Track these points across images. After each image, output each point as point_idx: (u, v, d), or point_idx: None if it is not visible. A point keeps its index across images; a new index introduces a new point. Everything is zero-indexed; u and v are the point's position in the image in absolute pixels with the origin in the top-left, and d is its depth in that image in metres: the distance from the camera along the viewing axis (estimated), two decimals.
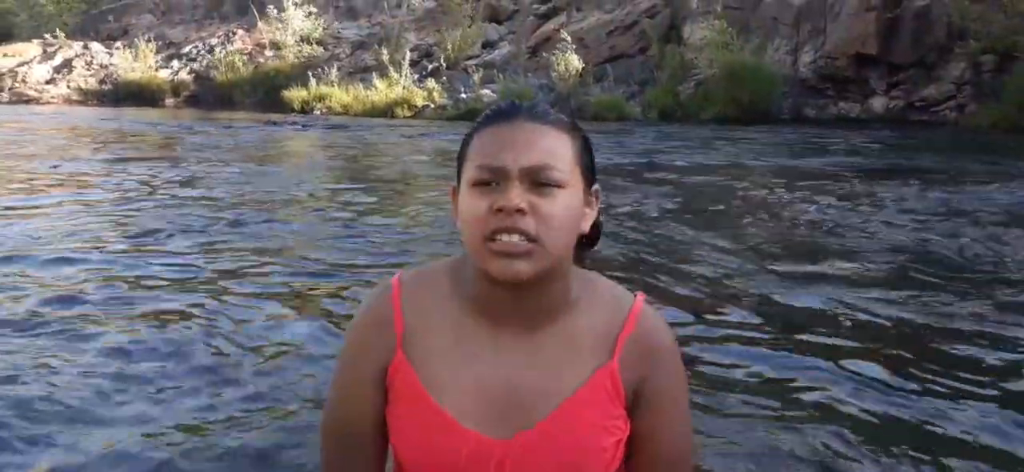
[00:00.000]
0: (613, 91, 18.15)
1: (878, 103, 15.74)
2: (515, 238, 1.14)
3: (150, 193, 7.26)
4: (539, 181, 1.16)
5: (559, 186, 1.17)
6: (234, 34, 27.88)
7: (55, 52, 27.76)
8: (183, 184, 7.88)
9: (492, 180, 1.16)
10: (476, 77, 19.95)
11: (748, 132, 13.57)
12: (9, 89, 25.85)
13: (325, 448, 1.34)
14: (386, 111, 19.73)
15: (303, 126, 16.78)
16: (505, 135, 1.19)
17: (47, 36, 28.90)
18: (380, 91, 20.53)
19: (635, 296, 1.29)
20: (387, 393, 1.27)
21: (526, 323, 1.23)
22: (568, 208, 1.18)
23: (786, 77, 16.49)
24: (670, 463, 1.29)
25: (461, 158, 1.24)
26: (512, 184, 1.15)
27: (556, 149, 1.19)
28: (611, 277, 1.34)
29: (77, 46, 28.29)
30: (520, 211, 1.14)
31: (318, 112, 20.77)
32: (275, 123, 17.10)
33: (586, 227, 1.24)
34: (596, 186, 1.26)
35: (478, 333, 1.24)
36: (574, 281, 1.25)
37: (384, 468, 1.34)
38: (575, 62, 18.64)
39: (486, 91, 18.98)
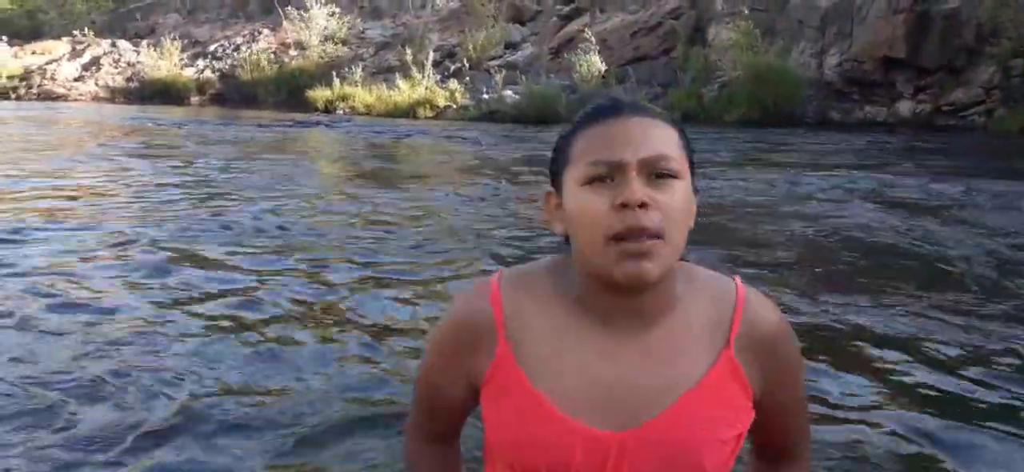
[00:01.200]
0: (635, 93, 18.09)
1: (905, 107, 15.56)
2: (645, 238, 1.10)
3: (166, 191, 7.33)
4: (658, 172, 1.13)
5: (676, 177, 1.14)
6: (259, 33, 28.13)
7: (84, 50, 28.16)
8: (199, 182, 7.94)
9: (608, 175, 1.12)
10: (498, 78, 19.96)
11: (771, 135, 13.47)
12: (39, 86, 26.23)
13: (414, 422, 1.42)
14: (408, 111, 19.80)
15: (340, 125, 16.85)
16: (616, 129, 1.15)
17: (76, 34, 29.31)
18: (403, 91, 20.61)
19: (734, 281, 1.26)
20: (481, 392, 1.25)
21: (636, 321, 1.19)
22: (684, 199, 1.15)
23: (811, 80, 16.35)
24: (795, 436, 1.33)
25: (561, 160, 1.20)
26: (631, 177, 1.11)
27: (667, 139, 1.16)
28: None
29: (105, 44, 28.68)
30: (644, 205, 1.10)
31: (341, 111, 20.89)
32: (323, 122, 17.18)
33: (692, 221, 1.21)
34: (697, 181, 1.23)
35: (586, 333, 1.20)
36: (678, 274, 1.21)
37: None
38: (597, 63, 18.59)
39: (508, 92, 18.99)
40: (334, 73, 22.62)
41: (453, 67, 22.23)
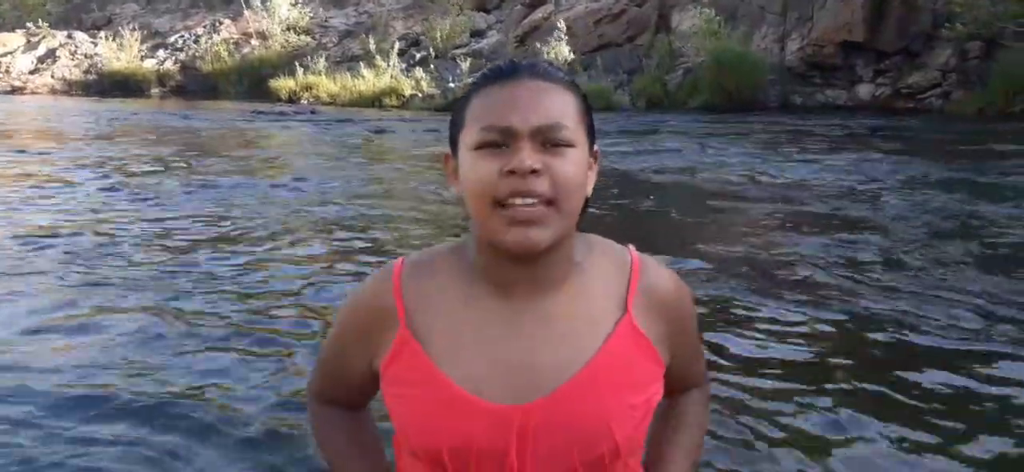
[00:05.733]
0: (601, 80, 18.14)
1: (864, 90, 15.79)
2: (530, 201, 1.08)
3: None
4: (551, 140, 1.10)
5: (570, 145, 1.12)
6: (220, 23, 27.67)
7: (39, 42, 27.48)
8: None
9: (501, 141, 1.10)
10: (464, 66, 19.89)
11: (732, 119, 13.60)
12: None
13: (312, 412, 1.42)
14: (374, 101, 19.67)
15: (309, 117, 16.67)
16: (510, 94, 1.12)
17: (30, 26, 28.60)
18: (368, 80, 20.45)
19: (629, 249, 1.27)
20: (381, 377, 1.24)
21: (536, 291, 1.17)
22: (578, 167, 1.13)
23: (773, 65, 16.52)
24: (694, 376, 1.41)
25: (457, 122, 1.19)
26: (523, 144, 1.09)
27: (563, 107, 1.13)
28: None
29: (61, 36, 28.01)
30: (535, 172, 1.08)
31: (305, 101, 20.67)
32: (288, 115, 16.98)
33: (589, 189, 1.19)
34: (597, 146, 1.22)
35: (487, 306, 1.18)
36: (578, 243, 1.21)
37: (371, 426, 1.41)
38: (565, 51, 18.61)
39: (473, 80, 18.91)
40: (297, 63, 22.36)
41: (418, 55, 22.08)
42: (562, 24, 19.13)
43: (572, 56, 18.65)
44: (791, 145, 10.17)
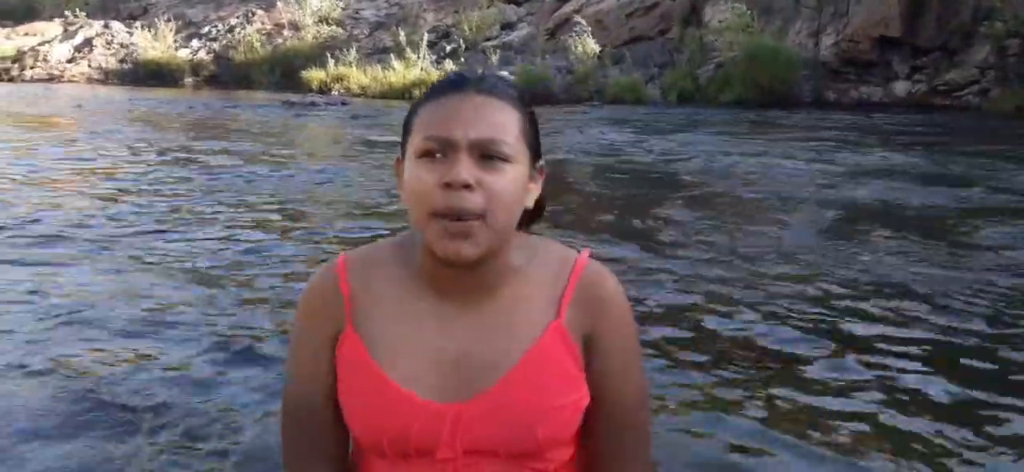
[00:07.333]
0: (631, 74, 18.02)
1: (900, 87, 15.52)
2: (464, 217, 1.12)
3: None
4: (487, 154, 1.14)
5: (506, 160, 1.15)
6: (253, 14, 27.90)
7: (76, 31, 27.91)
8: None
9: (439, 151, 1.15)
10: (494, 59, 19.87)
11: (765, 116, 13.45)
12: (31, 68, 26.03)
13: (286, 422, 1.33)
14: (404, 93, 19.72)
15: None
16: (453, 106, 1.17)
17: (68, 14, 29.05)
18: (398, 72, 20.51)
19: (579, 253, 1.29)
20: (337, 369, 1.27)
21: (471, 294, 1.22)
22: (515, 183, 1.17)
23: (807, 60, 16.29)
24: (626, 409, 1.28)
25: (407, 128, 1.23)
26: (460, 157, 1.14)
27: (504, 122, 1.17)
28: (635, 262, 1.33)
29: (97, 25, 28.41)
30: (467, 186, 1.12)
31: (336, 92, 20.79)
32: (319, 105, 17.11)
33: (530, 203, 1.24)
34: (541, 162, 1.26)
35: (425, 305, 1.23)
36: (518, 249, 1.25)
37: (346, 449, 1.33)
38: (592, 45, 18.51)
39: (504, 73, 18.91)
40: (328, 54, 22.48)
41: (448, 48, 22.10)
42: (582, 20, 19.03)
43: (599, 48, 18.55)
44: (828, 142, 10.03)
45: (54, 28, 28.39)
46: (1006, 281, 4.01)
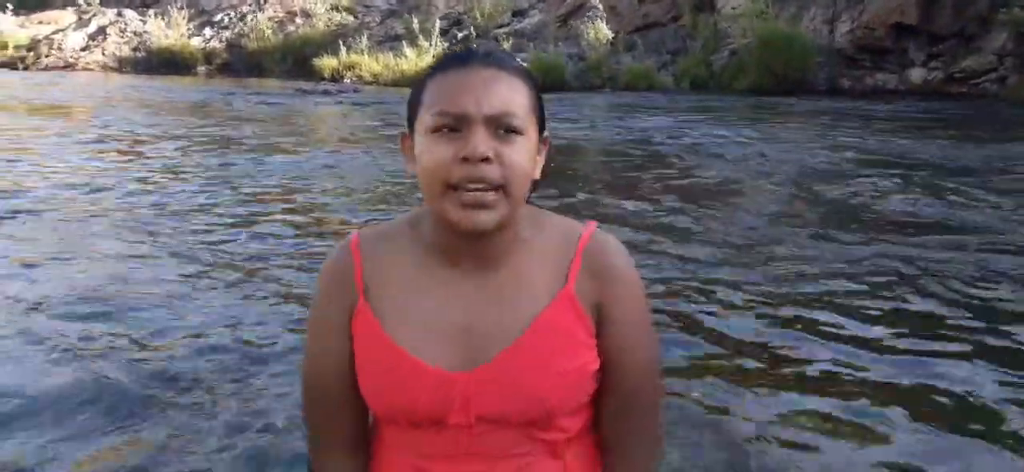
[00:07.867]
0: (644, 61, 17.93)
1: (916, 74, 15.36)
2: (482, 187, 1.15)
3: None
4: (503, 127, 1.16)
5: (519, 132, 1.18)
6: (265, 2, 27.91)
7: (89, 19, 28.01)
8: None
9: (454, 126, 1.16)
10: (506, 46, 19.82)
11: (779, 103, 13.36)
12: (46, 56, 26.16)
13: (306, 401, 1.37)
14: (415, 81, 19.68)
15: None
16: (464, 80, 1.18)
17: (81, 3, 29.16)
18: (410, 60, 20.49)
19: (586, 224, 1.31)
20: (354, 344, 1.29)
21: (481, 264, 1.25)
22: (527, 154, 1.19)
23: (822, 47, 16.15)
24: (637, 378, 1.30)
25: (414, 104, 1.25)
26: (477, 130, 1.15)
27: (515, 96, 1.19)
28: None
29: (111, 13, 28.51)
30: (486, 159, 1.14)
31: (348, 80, 20.80)
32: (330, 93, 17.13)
33: (537, 174, 1.27)
34: (547, 133, 1.28)
35: (436, 277, 1.26)
36: (526, 221, 1.27)
37: (365, 423, 1.36)
38: (605, 31, 18.41)
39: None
40: (340, 42, 22.48)
41: (460, 35, 22.06)
42: (598, 3, 18.93)
43: (612, 35, 18.45)
44: (843, 130, 9.96)
45: (68, 16, 28.51)
46: None
